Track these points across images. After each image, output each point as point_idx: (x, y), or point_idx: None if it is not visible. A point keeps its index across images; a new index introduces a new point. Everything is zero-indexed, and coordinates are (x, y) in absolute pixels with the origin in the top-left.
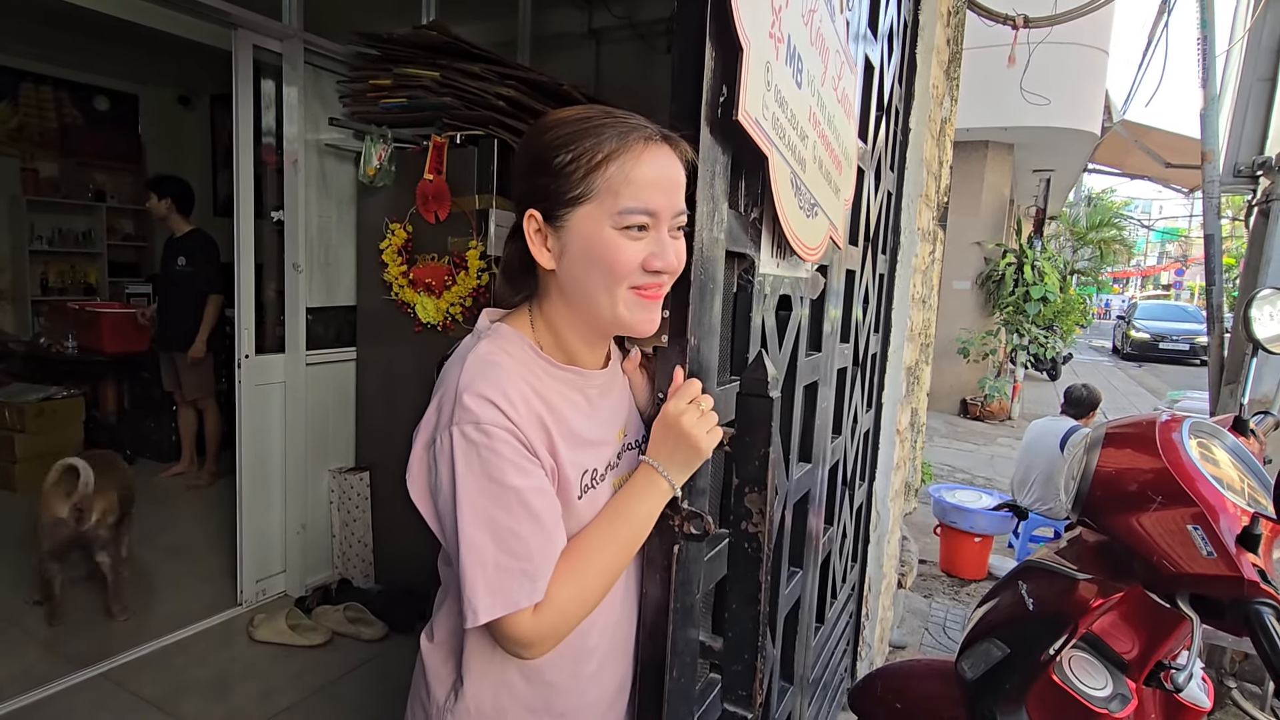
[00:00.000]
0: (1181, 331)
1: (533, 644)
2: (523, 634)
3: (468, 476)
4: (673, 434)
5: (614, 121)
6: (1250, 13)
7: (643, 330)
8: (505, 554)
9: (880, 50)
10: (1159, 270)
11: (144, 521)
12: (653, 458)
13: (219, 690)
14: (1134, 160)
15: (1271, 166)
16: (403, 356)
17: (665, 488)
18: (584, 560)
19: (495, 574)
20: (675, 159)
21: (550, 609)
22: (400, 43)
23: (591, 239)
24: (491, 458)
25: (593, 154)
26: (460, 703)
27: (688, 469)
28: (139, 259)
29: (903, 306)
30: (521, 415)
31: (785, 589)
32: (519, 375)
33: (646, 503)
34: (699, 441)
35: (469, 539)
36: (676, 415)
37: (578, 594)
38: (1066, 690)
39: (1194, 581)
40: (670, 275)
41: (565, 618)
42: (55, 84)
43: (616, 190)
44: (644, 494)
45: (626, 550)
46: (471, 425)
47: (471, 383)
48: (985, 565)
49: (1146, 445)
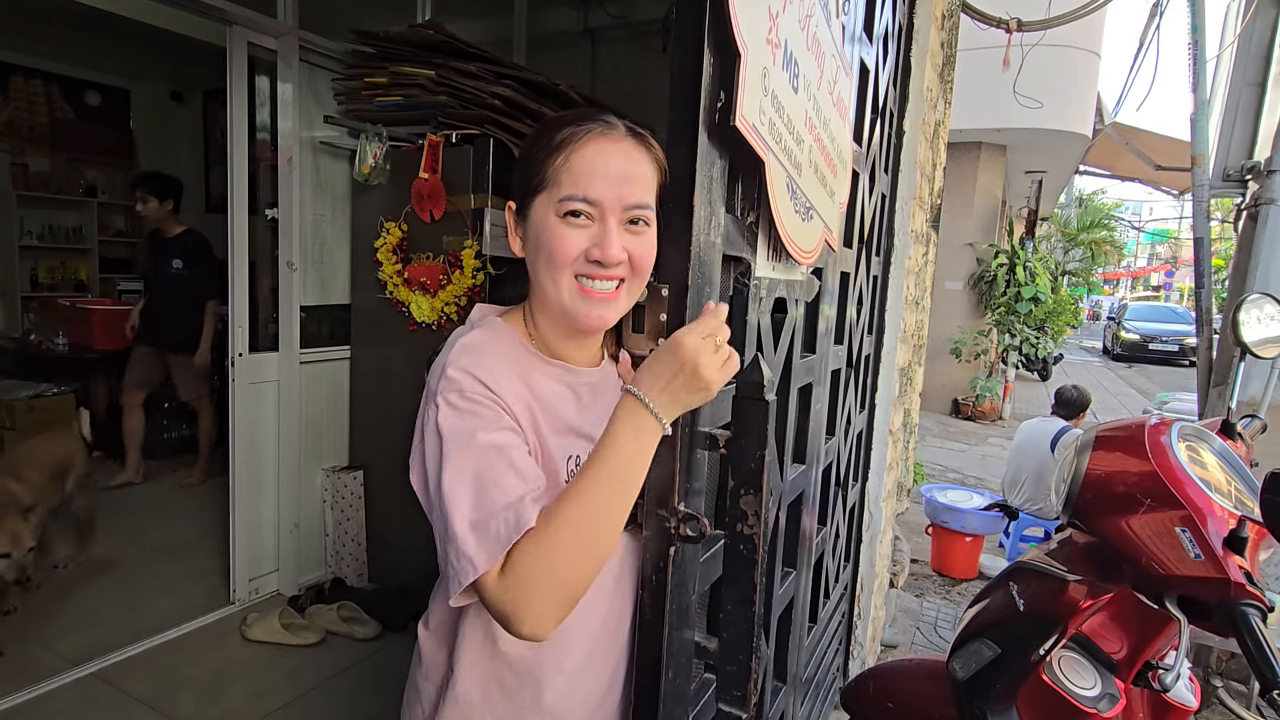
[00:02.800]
0: (1171, 333)
1: (511, 611)
2: (496, 598)
3: (451, 438)
4: (677, 361)
5: (580, 116)
6: (1240, 19)
7: (589, 325)
8: (490, 504)
9: (875, 53)
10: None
11: (136, 519)
12: (640, 388)
13: (212, 689)
14: (1125, 162)
15: (1260, 171)
16: (397, 356)
17: (651, 424)
18: (558, 517)
19: (484, 523)
20: (634, 152)
21: (511, 574)
22: (396, 41)
23: (540, 226)
24: (473, 420)
25: (547, 143)
26: (451, 691)
27: (683, 407)
28: (130, 255)
29: (896, 308)
30: (505, 393)
31: (779, 589)
32: (506, 361)
33: (628, 443)
34: (710, 377)
35: (452, 495)
36: (694, 344)
37: (549, 554)
38: (1056, 690)
39: (1182, 583)
40: (613, 267)
41: (539, 578)
42: (46, 78)
43: (560, 178)
44: (623, 433)
45: (607, 501)
46: (456, 394)
47: (457, 359)
48: (976, 565)
49: (1136, 449)
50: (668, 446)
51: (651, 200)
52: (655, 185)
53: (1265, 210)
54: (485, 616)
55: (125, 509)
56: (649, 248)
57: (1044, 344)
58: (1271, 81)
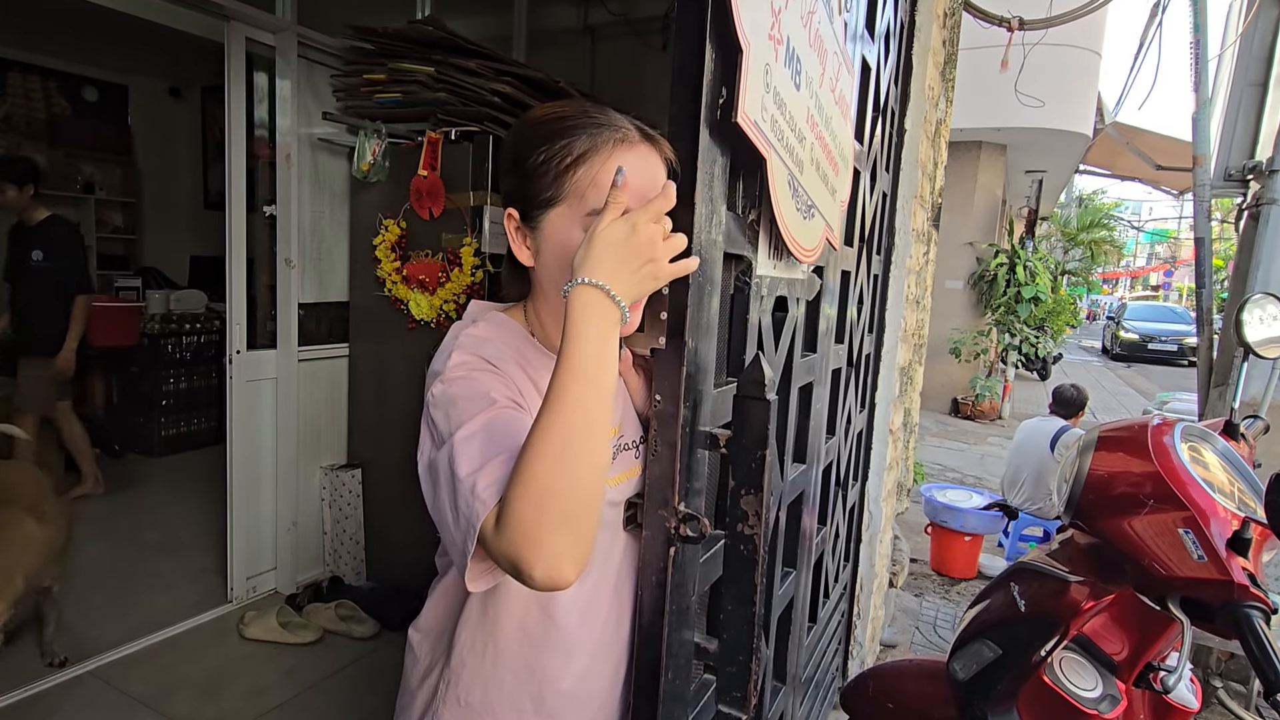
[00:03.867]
0: (1170, 332)
1: (513, 560)
2: (496, 552)
3: (462, 399)
4: (627, 245)
5: (587, 121)
6: (1242, 18)
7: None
8: (498, 445)
9: (877, 51)
10: (1148, 271)
11: (131, 517)
12: (589, 275)
13: (209, 688)
14: (1125, 162)
15: (1262, 171)
16: (396, 353)
17: (613, 310)
18: (530, 440)
19: (493, 459)
20: (652, 158)
21: (503, 512)
22: (395, 37)
23: (562, 241)
24: (484, 381)
25: (563, 156)
26: (450, 694)
27: (636, 289)
28: (128, 251)
29: (897, 307)
30: (508, 375)
31: (779, 589)
32: (507, 352)
33: (597, 335)
34: (660, 260)
35: (463, 447)
36: (643, 227)
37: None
38: (1057, 691)
39: (1185, 585)
40: None
41: (523, 516)
42: (43, 74)
43: (584, 193)
44: (589, 325)
45: (581, 403)
46: (462, 367)
47: (460, 346)
48: (975, 564)
49: (1139, 449)
50: (668, 446)
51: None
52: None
53: (1267, 210)
54: (485, 618)
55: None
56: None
57: (1044, 343)
58: (1273, 81)
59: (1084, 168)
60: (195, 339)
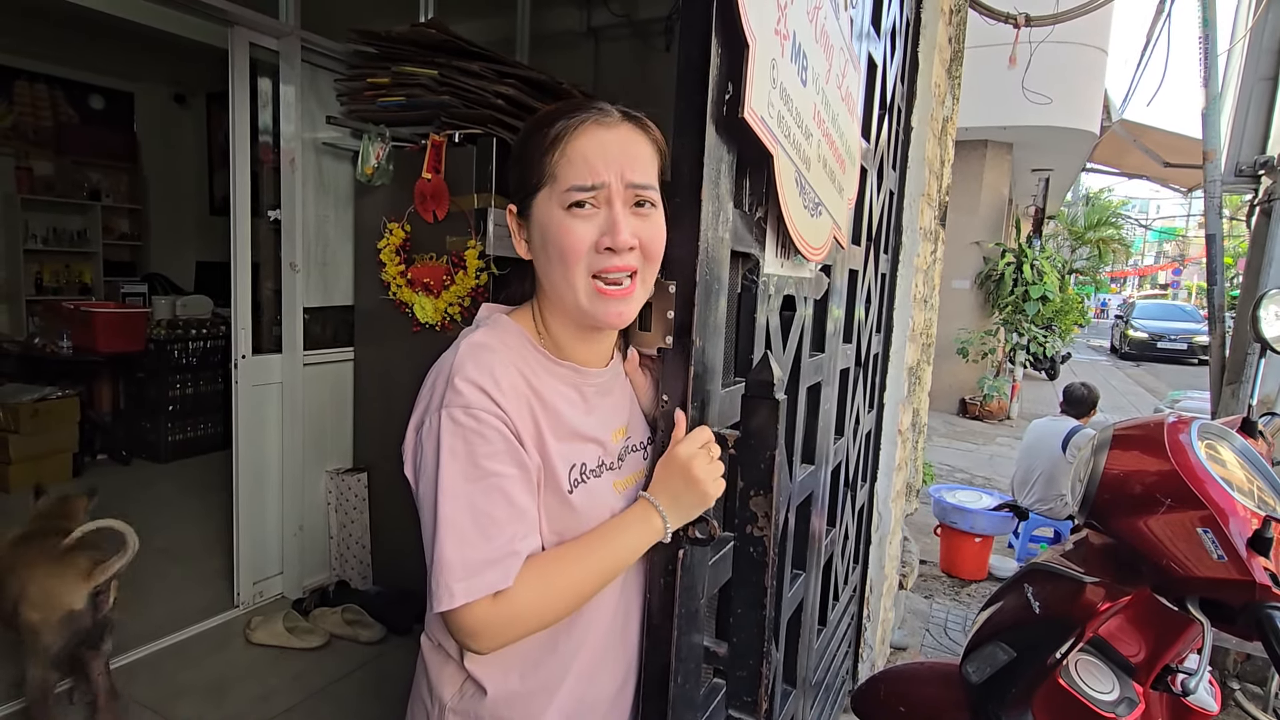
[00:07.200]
0: (1179, 331)
1: (480, 634)
2: (475, 622)
3: (452, 460)
4: (681, 478)
5: (569, 107)
6: (1252, 12)
7: (610, 323)
8: (482, 538)
9: (883, 48)
10: (1156, 269)
11: (138, 523)
12: (655, 496)
13: (216, 693)
14: (1132, 159)
15: (1273, 166)
16: (401, 357)
17: (659, 527)
18: (554, 568)
19: (472, 556)
20: (631, 134)
21: (508, 604)
22: (398, 40)
23: (547, 224)
24: (478, 442)
25: (543, 139)
26: (461, 703)
27: (689, 515)
28: (135, 258)
29: (904, 306)
30: (510, 403)
31: (789, 592)
32: (511, 362)
33: (634, 537)
34: (707, 488)
35: (448, 519)
36: (688, 459)
37: (539, 599)
38: (1073, 694)
39: (1204, 585)
40: (624, 254)
41: (520, 618)
42: (50, 82)
43: (560, 171)
44: (634, 527)
45: (598, 575)
46: (460, 409)
47: (463, 366)
48: (986, 566)
49: (1155, 447)
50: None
51: (654, 180)
52: (656, 166)
53: (1278, 205)
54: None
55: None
56: (658, 232)
57: (1052, 343)
58: None
59: (1091, 166)
60: (201, 344)
